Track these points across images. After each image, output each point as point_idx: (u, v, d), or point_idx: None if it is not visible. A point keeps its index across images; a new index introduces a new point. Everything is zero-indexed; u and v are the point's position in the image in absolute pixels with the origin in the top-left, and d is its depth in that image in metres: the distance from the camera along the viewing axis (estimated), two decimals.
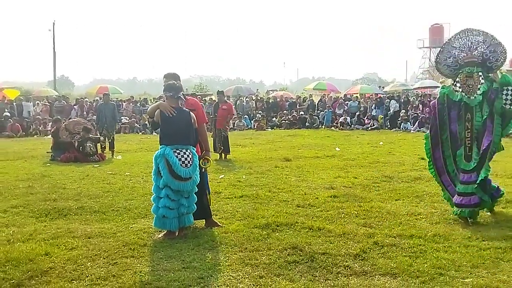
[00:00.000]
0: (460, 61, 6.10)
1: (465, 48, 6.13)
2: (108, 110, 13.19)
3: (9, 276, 3.99)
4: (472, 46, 6.11)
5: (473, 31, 6.19)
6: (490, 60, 5.99)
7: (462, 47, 6.15)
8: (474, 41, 6.12)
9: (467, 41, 6.15)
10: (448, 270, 4.05)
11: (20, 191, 7.55)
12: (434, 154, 6.13)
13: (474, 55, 6.04)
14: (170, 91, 5.18)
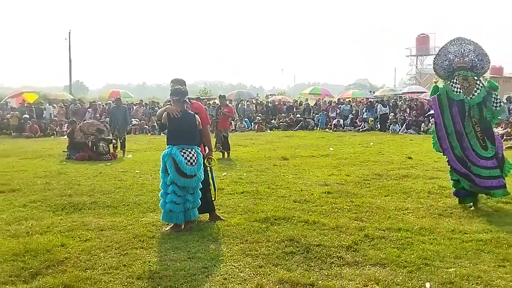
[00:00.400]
0: (454, 65, 6.49)
1: (459, 54, 6.52)
2: (120, 113, 13.20)
3: (28, 265, 3.99)
4: (464, 53, 6.51)
5: (465, 40, 6.61)
6: (477, 67, 6.46)
7: (456, 53, 6.54)
8: (466, 49, 6.52)
9: (461, 48, 6.55)
10: (433, 261, 4.05)
11: (38, 187, 7.55)
12: (442, 145, 6.30)
13: (466, 61, 6.46)
14: (177, 95, 5.19)
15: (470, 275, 3.72)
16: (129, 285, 3.63)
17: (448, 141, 6.27)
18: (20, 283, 3.68)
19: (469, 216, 5.65)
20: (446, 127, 6.29)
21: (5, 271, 3.88)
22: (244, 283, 3.65)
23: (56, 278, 3.71)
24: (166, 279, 3.72)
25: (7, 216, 5.70)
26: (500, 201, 6.32)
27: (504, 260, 4.08)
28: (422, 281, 3.64)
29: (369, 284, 3.61)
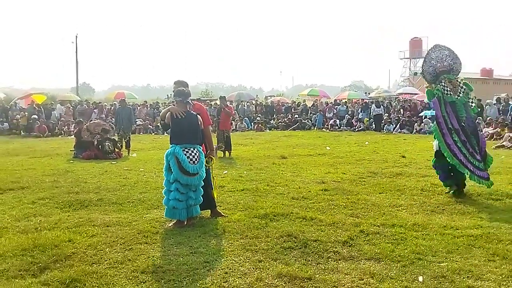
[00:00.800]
0: (437, 69, 6.98)
1: (439, 59, 7.02)
2: (125, 114, 13.19)
3: (36, 260, 3.98)
4: (443, 58, 7.03)
5: (441, 46, 7.17)
6: (453, 70, 6.99)
7: (437, 58, 7.03)
8: (444, 54, 7.06)
9: (440, 54, 7.07)
10: (426, 255, 4.05)
11: (46, 184, 7.55)
12: (446, 141, 6.55)
13: (445, 65, 6.97)
14: (180, 96, 5.19)
15: (462, 269, 3.72)
16: (134, 279, 3.63)
17: (451, 137, 6.55)
18: (29, 277, 3.68)
19: (460, 212, 5.66)
20: (446, 124, 6.61)
21: (14, 265, 3.87)
22: (244, 277, 3.64)
23: (64, 272, 3.71)
24: (169, 273, 3.72)
25: (16, 212, 5.70)
26: (490, 198, 6.32)
27: (494, 254, 4.08)
28: (415, 275, 3.64)
29: (364, 277, 3.61)
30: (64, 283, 3.51)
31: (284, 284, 3.52)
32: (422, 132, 18.80)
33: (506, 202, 6.13)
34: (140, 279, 3.62)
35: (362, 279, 3.58)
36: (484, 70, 55.54)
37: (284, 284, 3.52)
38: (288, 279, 3.59)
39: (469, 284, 3.47)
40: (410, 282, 3.51)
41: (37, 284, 3.52)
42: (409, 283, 3.50)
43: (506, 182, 7.39)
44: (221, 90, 74.80)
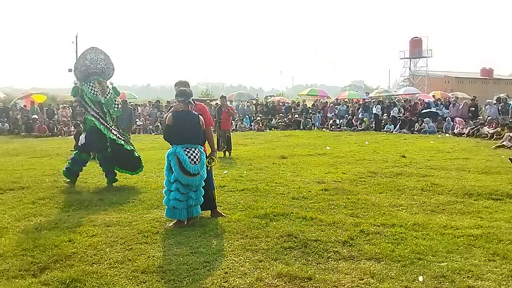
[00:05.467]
0: (89, 70, 7.60)
1: (93, 61, 7.66)
2: (125, 114, 13.19)
3: (37, 260, 3.99)
4: (97, 61, 7.69)
5: (98, 50, 7.79)
6: (105, 73, 7.77)
7: (92, 60, 7.65)
8: (99, 58, 7.72)
9: (95, 56, 7.69)
10: (426, 255, 4.05)
11: (46, 185, 7.55)
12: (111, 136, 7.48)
13: (98, 68, 7.68)
14: (182, 96, 5.19)
15: (462, 269, 3.72)
16: (134, 278, 3.63)
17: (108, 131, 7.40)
18: (29, 277, 3.68)
19: (460, 212, 5.66)
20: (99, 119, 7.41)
21: (15, 265, 3.87)
22: (245, 277, 3.65)
23: (64, 272, 3.71)
24: (170, 273, 3.72)
25: (16, 212, 5.70)
26: (490, 198, 6.32)
27: (494, 254, 4.08)
28: (415, 275, 3.64)
29: (365, 277, 3.61)
30: (64, 283, 3.51)
31: (284, 284, 3.52)
32: (422, 132, 18.79)
33: (506, 202, 6.13)
34: (140, 279, 3.62)
35: (362, 279, 3.58)
36: (484, 70, 55.62)
37: (284, 284, 3.52)
38: (288, 279, 3.59)
39: (469, 284, 3.47)
40: (410, 282, 3.51)
41: (37, 284, 3.52)
42: (409, 283, 3.50)
43: (506, 182, 7.39)
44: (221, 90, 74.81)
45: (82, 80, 7.53)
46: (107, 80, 7.77)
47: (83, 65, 7.57)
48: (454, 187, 6.95)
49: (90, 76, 7.50)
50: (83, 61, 7.59)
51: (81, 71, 7.55)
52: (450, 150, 12.54)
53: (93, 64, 7.60)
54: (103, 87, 7.56)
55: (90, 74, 7.53)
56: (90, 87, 7.42)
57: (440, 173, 8.36)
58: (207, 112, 5.68)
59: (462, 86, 46.56)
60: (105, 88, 7.59)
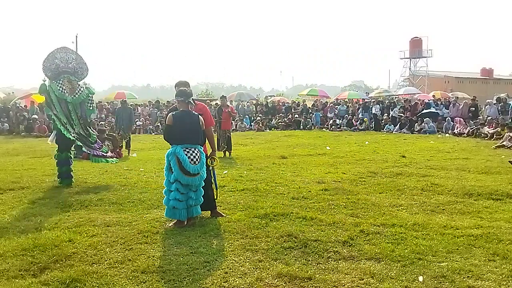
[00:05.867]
0: (60, 69, 7.71)
1: (64, 60, 7.78)
2: (125, 114, 13.20)
3: (36, 260, 3.99)
4: (68, 60, 7.83)
5: (69, 50, 8.07)
6: (78, 73, 7.91)
7: (62, 59, 7.76)
8: (70, 58, 7.86)
9: (66, 55, 7.84)
10: (426, 255, 4.05)
11: (46, 185, 7.55)
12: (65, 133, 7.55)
13: (69, 67, 7.81)
14: (182, 96, 5.19)
15: (462, 269, 3.72)
16: (134, 278, 3.63)
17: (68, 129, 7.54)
18: (29, 277, 3.68)
19: (460, 212, 5.66)
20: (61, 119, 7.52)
21: (15, 265, 3.87)
22: (245, 277, 3.64)
23: (64, 272, 3.71)
24: (170, 273, 3.72)
25: (16, 212, 5.70)
26: (490, 198, 6.32)
27: (494, 254, 4.08)
28: (415, 275, 3.64)
29: (365, 277, 3.61)
30: (64, 283, 3.51)
31: (284, 284, 3.52)
32: (422, 132, 18.80)
33: (506, 202, 6.13)
34: (140, 279, 3.62)
35: (362, 279, 3.58)
36: (484, 70, 55.63)
37: (284, 284, 3.52)
38: (288, 279, 3.59)
39: (469, 284, 3.47)
40: (410, 282, 3.51)
41: (37, 284, 3.52)
42: (409, 283, 3.50)
43: (506, 182, 7.39)
44: (221, 90, 74.85)
45: (52, 78, 7.65)
46: (80, 80, 7.93)
47: (53, 63, 7.69)
48: (454, 187, 6.95)
49: (60, 75, 7.63)
50: (52, 60, 7.71)
51: (51, 69, 7.67)
52: (450, 150, 12.55)
53: (63, 63, 7.74)
54: (73, 86, 7.68)
55: (61, 73, 7.66)
56: (59, 85, 7.52)
57: (440, 173, 8.36)
58: (207, 111, 5.68)
59: (462, 86, 46.57)
60: (75, 87, 7.70)
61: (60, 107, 7.55)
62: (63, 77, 7.62)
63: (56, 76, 7.63)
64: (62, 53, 7.79)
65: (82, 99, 7.77)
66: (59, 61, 7.72)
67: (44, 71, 7.69)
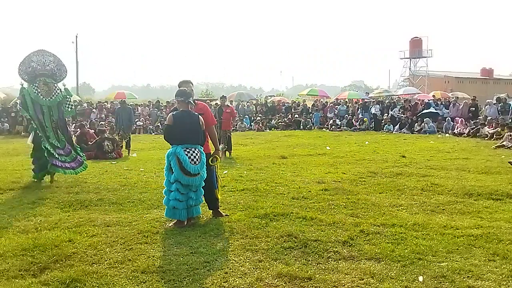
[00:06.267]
0: (36, 71, 7.77)
1: (41, 63, 7.82)
2: (125, 114, 13.20)
3: (36, 260, 3.98)
4: (45, 63, 7.86)
5: (46, 52, 7.98)
6: (56, 75, 7.95)
7: (39, 62, 7.82)
8: (48, 60, 7.89)
9: (43, 58, 7.86)
10: (426, 255, 4.05)
11: (46, 184, 7.56)
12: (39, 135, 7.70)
13: (47, 70, 7.85)
14: (182, 96, 5.19)
15: (462, 269, 3.72)
16: (134, 279, 3.63)
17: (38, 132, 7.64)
18: (29, 277, 3.68)
19: (460, 212, 5.66)
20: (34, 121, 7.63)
21: (14, 265, 3.87)
22: (245, 277, 3.64)
23: (64, 272, 3.71)
24: (170, 273, 3.72)
25: (16, 212, 5.70)
26: (490, 198, 6.32)
27: (494, 254, 4.08)
28: (415, 275, 3.64)
29: (365, 277, 3.61)
30: (64, 283, 3.51)
31: (284, 284, 3.52)
32: (422, 132, 18.80)
33: (506, 202, 6.13)
34: (140, 279, 3.62)
35: (362, 279, 3.58)
36: (484, 70, 55.64)
37: (284, 284, 3.52)
38: (288, 279, 3.59)
39: (469, 284, 3.47)
40: (410, 282, 3.51)
41: (37, 284, 3.52)
42: (409, 283, 3.50)
43: (506, 182, 7.39)
44: (221, 90, 74.85)
45: (29, 81, 7.75)
46: (59, 81, 8.02)
47: (29, 66, 7.78)
48: (454, 187, 6.95)
49: (37, 78, 7.72)
50: (28, 63, 7.79)
51: (28, 73, 7.76)
52: (450, 150, 12.55)
53: (40, 66, 7.81)
54: (50, 88, 7.75)
55: (37, 76, 7.74)
56: (35, 88, 7.63)
57: (440, 173, 8.36)
58: (208, 111, 5.66)
59: (462, 86, 46.57)
60: (52, 89, 7.78)
61: (34, 110, 7.65)
62: (39, 80, 7.71)
63: (33, 79, 7.73)
64: (39, 56, 7.87)
65: (58, 100, 7.85)
66: (36, 64, 7.80)
67: (20, 75, 7.77)
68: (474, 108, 19.64)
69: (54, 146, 7.72)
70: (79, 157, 8.06)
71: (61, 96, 7.89)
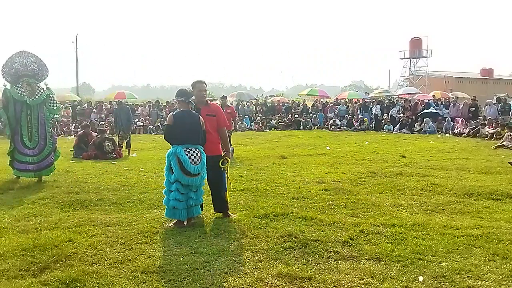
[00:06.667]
0: (19, 72, 7.95)
1: (23, 64, 8.01)
2: (123, 114, 13.16)
3: (36, 260, 3.98)
4: (27, 63, 8.05)
5: (28, 53, 8.16)
6: (38, 75, 8.13)
7: (21, 63, 8.01)
8: (29, 61, 8.07)
9: (25, 59, 8.05)
10: (426, 255, 4.05)
11: (46, 184, 7.55)
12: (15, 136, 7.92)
13: (29, 70, 8.03)
14: (182, 96, 5.19)
15: (462, 269, 3.72)
16: (134, 278, 3.63)
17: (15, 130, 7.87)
18: (29, 277, 3.68)
19: (460, 212, 5.66)
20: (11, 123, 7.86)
21: (14, 265, 3.87)
22: (245, 277, 3.64)
23: (64, 272, 3.71)
24: (170, 273, 3.72)
25: (16, 212, 5.70)
26: (490, 198, 6.32)
27: (494, 254, 4.08)
28: (415, 275, 3.64)
29: (365, 277, 3.60)
30: (64, 283, 3.51)
31: (284, 284, 3.52)
32: (422, 132, 18.80)
33: (506, 202, 6.13)
34: (140, 279, 3.62)
35: (362, 279, 3.58)
36: (484, 70, 55.64)
37: (284, 284, 3.52)
38: (288, 279, 3.59)
39: (469, 284, 3.47)
40: (410, 282, 3.51)
41: (37, 284, 3.52)
42: (409, 283, 3.50)
43: (506, 182, 7.39)
44: (221, 90, 74.84)
45: (13, 82, 7.93)
46: (41, 81, 8.21)
47: (12, 68, 7.96)
48: (454, 187, 6.95)
49: (20, 78, 7.90)
50: (11, 64, 7.97)
51: (11, 74, 7.95)
52: (450, 150, 12.55)
53: (23, 67, 8.00)
54: (33, 88, 7.92)
55: (20, 77, 7.92)
56: (18, 89, 7.80)
57: (440, 173, 8.36)
58: (221, 112, 5.60)
59: (462, 86, 46.57)
60: (35, 88, 7.95)
61: (14, 111, 7.83)
62: (22, 80, 7.87)
63: (16, 80, 7.88)
64: (21, 58, 8.05)
65: (42, 100, 7.98)
66: (18, 65, 7.97)
67: (4, 77, 8.00)
68: (474, 108, 19.63)
69: (25, 146, 7.88)
70: (50, 156, 8.11)
71: (45, 95, 8.03)
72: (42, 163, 7.94)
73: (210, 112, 5.38)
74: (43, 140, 8.01)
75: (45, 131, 8.04)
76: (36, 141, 7.93)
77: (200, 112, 5.31)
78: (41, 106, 7.98)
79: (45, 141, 8.03)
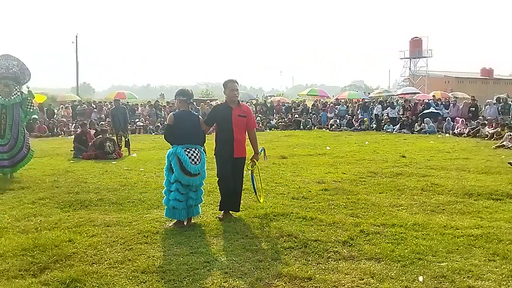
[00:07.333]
0: (0, 75, 8.32)
1: (5, 67, 8.42)
2: (121, 113, 13.13)
3: (36, 260, 3.99)
4: (9, 66, 8.45)
5: (11, 56, 8.56)
6: (19, 78, 8.54)
7: (2, 65, 8.41)
8: (11, 64, 8.49)
9: (6, 62, 8.45)
10: (426, 255, 4.05)
11: (46, 185, 7.55)
12: None
13: (10, 73, 8.42)
14: (184, 96, 5.18)
15: (462, 269, 3.72)
16: (134, 278, 3.63)
17: None
18: (29, 277, 3.68)
19: (460, 212, 5.66)
20: None
21: (15, 265, 3.87)
22: (245, 277, 3.64)
23: (64, 272, 3.71)
24: (170, 273, 3.72)
25: (16, 212, 5.70)
26: (490, 198, 6.32)
27: (494, 254, 4.08)
28: (415, 275, 3.64)
29: (365, 277, 3.61)
30: (64, 283, 3.51)
31: (284, 284, 3.52)
32: (422, 132, 18.80)
33: (506, 202, 6.13)
34: (140, 279, 3.62)
35: (362, 279, 3.58)
36: (484, 70, 55.67)
37: (284, 284, 3.52)
38: (288, 279, 3.59)
39: (469, 284, 3.47)
40: (410, 282, 3.51)
41: (37, 284, 3.52)
42: (409, 283, 3.50)
43: (506, 182, 7.39)
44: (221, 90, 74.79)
45: None
46: (23, 84, 8.64)
47: None
48: (454, 187, 6.95)
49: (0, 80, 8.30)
50: None
51: None
52: (450, 150, 12.55)
53: (4, 69, 8.41)
54: (10, 90, 8.33)
55: (1, 79, 8.32)
56: None
57: (440, 173, 8.36)
58: (251, 114, 5.58)
59: (462, 86, 46.58)
60: (12, 90, 8.36)
61: None
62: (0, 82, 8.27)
63: None
64: (3, 61, 8.46)
65: (17, 101, 8.37)
66: (0, 68, 8.38)
67: None
68: (474, 108, 19.63)
69: None
70: (23, 150, 8.51)
71: (21, 97, 8.43)
72: (16, 158, 8.40)
73: (242, 113, 5.35)
74: (14, 140, 8.41)
75: (18, 131, 8.44)
76: (8, 139, 8.34)
77: (231, 111, 5.28)
78: (17, 107, 8.40)
79: (16, 140, 8.44)
